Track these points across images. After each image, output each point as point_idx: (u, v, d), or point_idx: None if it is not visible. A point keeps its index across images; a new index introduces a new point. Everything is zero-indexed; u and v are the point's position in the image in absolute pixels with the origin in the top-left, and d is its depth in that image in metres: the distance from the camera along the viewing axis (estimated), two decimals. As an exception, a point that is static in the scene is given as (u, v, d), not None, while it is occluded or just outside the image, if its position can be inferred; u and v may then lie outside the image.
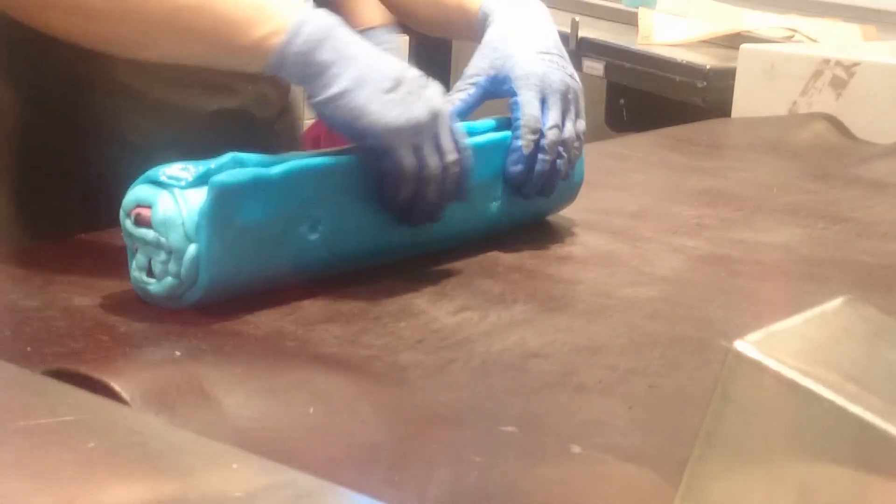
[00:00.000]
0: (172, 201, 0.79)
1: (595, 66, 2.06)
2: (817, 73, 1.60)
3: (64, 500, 0.51)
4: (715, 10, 2.23)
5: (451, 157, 0.89)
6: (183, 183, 0.79)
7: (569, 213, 1.11)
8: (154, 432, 0.57)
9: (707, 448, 0.49)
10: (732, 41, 1.95)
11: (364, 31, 1.13)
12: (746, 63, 1.68)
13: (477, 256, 0.97)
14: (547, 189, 1.01)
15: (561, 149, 0.99)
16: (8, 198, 1.05)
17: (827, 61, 1.60)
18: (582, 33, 2.08)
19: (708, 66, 1.85)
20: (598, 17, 2.29)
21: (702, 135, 1.57)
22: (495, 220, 1.00)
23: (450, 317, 0.84)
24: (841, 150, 1.49)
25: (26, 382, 0.64)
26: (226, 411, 0.65)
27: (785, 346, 0.49)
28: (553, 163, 0.99)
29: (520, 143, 0.98)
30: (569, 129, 1.00)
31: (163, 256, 0.79)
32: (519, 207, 1.01)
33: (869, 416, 0.47)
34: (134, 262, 0.81)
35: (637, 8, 2.23)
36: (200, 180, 0.79)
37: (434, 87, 0.89)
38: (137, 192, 0.80)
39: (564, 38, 2.05)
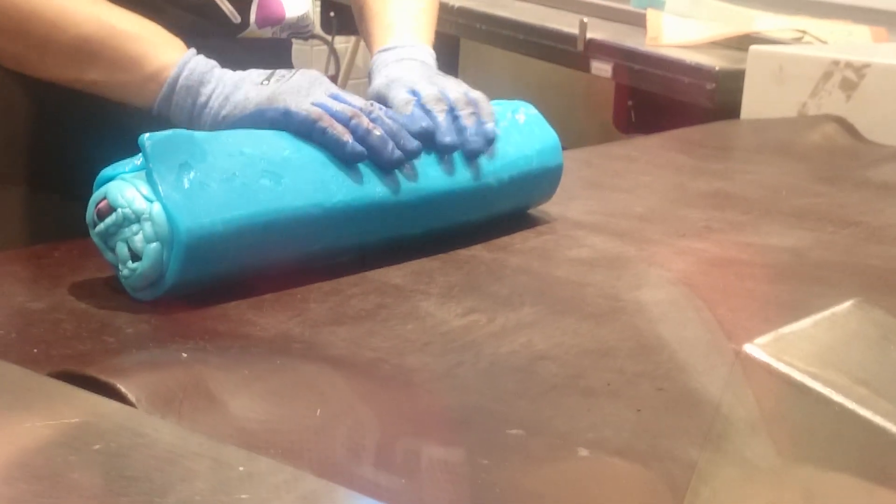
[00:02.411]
0: (122, 183, 0.82)
1: (603, 68, 2.06)
2: (827, 75, 1.60)
3: (68, 503, 0.51)
4: (724, 12, 2.23)
5: (358, 101, 0.92)
6: (127, 168, 0.83)
7: (576, 215, 1.11)
8: (160, 434, 0.57)
9: (716, 451, 0.49)
10: (741, 42, 1.94)
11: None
12: (755, 65, 1.68)
13: (484, 259, 0.97)
14: (474, 143, 0.97)
15: (456, 109, 0.97)
16: (16, 199, 1.05)
17: (837, 63, 1.60)
18: (590, 35, 2.08)
19: (717, 68, 1.84)
20: (606, 19, 2.29)
21: (710, 137, 1.57)
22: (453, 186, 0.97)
23: (457, 319, 0.83)
24: (850, 153, 1.48)
25: (33, 384, 0.64)
26: (232, 413, 0.65)
27: (794, 349, 0.49)
28: (449, 114, 0.96)
29: (405, 112, 0.96)
30: (453, 91, 0.99)
31: (135, 227, 0.81)
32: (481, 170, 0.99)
33: (879, 420, 0.46)
34: (119, 263, 0.82)
35: (645, 9, 2.22)
36: (140, 165, 0.82)
37: (307, 70, 0.94)
38: (92, 199, 0.83)
39: (573, 39, 2.09)
